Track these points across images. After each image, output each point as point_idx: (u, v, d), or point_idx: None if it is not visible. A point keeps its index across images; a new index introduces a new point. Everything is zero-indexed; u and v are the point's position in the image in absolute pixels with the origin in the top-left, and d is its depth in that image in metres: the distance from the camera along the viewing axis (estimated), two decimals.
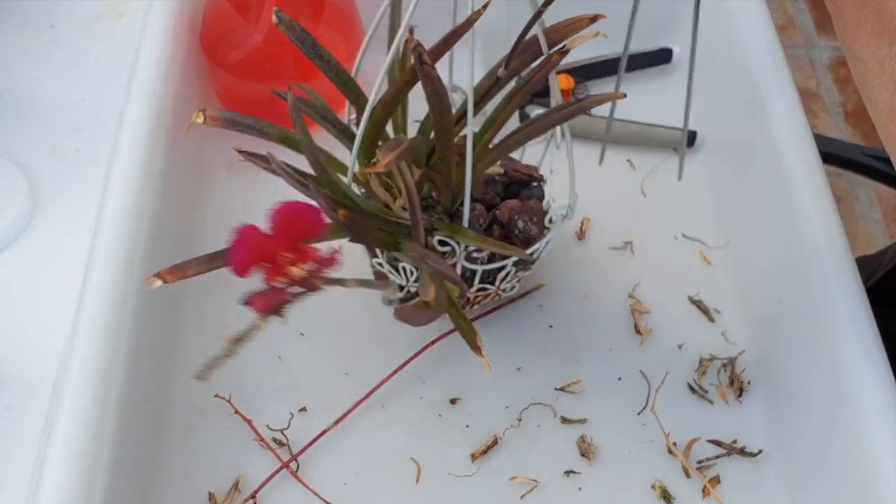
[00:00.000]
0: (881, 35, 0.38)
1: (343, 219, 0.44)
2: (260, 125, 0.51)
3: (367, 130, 0.48)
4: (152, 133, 0.57)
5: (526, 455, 0.55)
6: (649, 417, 0.56)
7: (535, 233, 0.54)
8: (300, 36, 0.48)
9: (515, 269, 0.55)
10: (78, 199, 0.54)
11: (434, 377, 0.57)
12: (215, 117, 0.49)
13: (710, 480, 0.54)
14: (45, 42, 0.62)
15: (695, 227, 0.65)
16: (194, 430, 0.55)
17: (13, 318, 0.50)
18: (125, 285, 0.51)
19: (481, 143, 0.51)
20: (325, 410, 0.55)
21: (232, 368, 0.57)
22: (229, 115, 0.50)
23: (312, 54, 0.49)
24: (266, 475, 0.53)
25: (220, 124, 0.49)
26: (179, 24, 0.63)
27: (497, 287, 0.55)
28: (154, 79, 0.59)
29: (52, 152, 0.57)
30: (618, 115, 0.70)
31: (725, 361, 0.59)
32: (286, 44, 0.64)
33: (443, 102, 0.46)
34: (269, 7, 0.63)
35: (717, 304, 0.61)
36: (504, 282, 0.56)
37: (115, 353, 0.50)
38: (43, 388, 0.48)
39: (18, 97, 0.59)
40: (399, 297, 0.54)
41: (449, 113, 0.47)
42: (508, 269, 0.55)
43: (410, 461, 0.54)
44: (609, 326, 0.60)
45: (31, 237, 0.53)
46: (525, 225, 0.54)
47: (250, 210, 0.63)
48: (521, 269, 0.56)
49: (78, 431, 0.46)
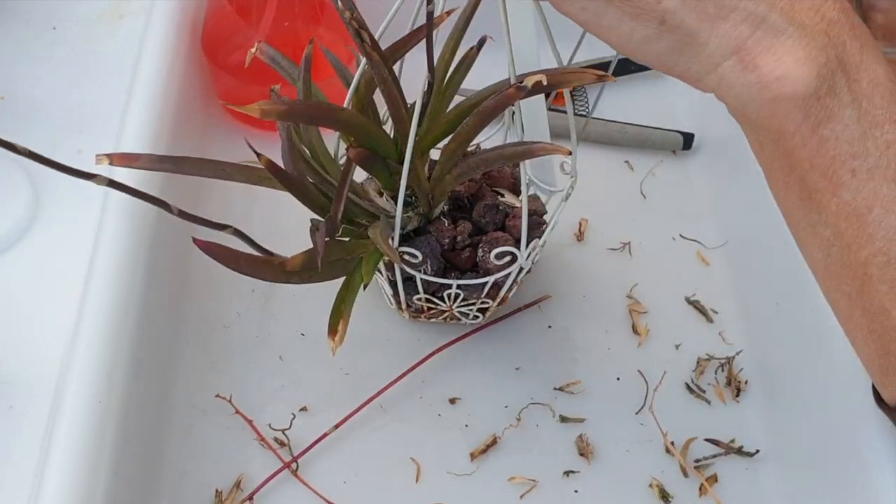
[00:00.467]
0: (807, 202, 0.38)
1: (353, 157, 0.45)
2: (293, 71, 0.52)
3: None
4: (154, 134, 0.57)
5: (525, 454, 0.55)
6: (647, 417, 0.57)
7: (491, 266, 0.52)
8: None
9: (462, 292, 0.54)
10: (80, 199, 0.54)
11: (433, 377, 0.58)
12: (263, 50, 0.52)
13: (708, 479, 0.54)
14: (46, 43, 0.63)
15: (693, 228, 0.66)
16: (195, 430, 0.55)
17: (15, 318, 0.51)
18: (127, 286, 0.52)
19: (449, 150, 0.50)
20: (325, 410, 0.56)
21: (233, 368, 0.58)
22: (272, 52, 0.53)
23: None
24: (267, 474, 0.53)
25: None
26: (181, 26, 0.64)
27: (451, 307, 0.55)
28: (155, 80, 0.60)
29: (54, 153, 0.56)
30: (615, 118, 0.70)
31: (723, 361, 0.59)
32: (287, 46, 0.64)
33: (391, 91, 0.45)
34: (269, 10, 0.63)
35: (714, 305, 0.62)
36: (459, 302, 0.55)
37: (117, 353, 0.50)
38: (45, 388, 0.48)
39: (20, 98, 0.60)
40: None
41: (399, 104, 0.46)
42: (454, 291, 0.54)
43: (410, 460, 0.55)
44: (607, 327, 0.61)
45: (33, 237, 0.54)
46: (483, 255, 0.53)
47: (251, 208, 0.63)
48: (468, 293, 0.54)
49: (80, 431, 0.46)
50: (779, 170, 0.39)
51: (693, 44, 0.35)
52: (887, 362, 0.40)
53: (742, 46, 0.35)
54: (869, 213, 0.37)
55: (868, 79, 0.36)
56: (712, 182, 0.68)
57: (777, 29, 0.35)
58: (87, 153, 0.57)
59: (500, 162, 0.49)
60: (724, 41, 0.35)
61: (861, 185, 0.37)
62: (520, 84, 0.43)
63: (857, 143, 0.36)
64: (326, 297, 0.49)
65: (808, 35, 0.35)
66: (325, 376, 0.57)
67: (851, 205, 0.37)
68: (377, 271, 0.54)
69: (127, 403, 0.50)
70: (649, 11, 0.35)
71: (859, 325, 0.41)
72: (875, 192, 0.37)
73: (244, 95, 0.67)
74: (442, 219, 0.53)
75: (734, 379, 0.58)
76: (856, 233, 0.37)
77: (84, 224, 0.53)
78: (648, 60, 0.37)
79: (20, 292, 0.52)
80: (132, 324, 0.52)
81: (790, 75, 0.35)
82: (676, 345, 0.60)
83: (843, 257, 0.39)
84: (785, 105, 0.36)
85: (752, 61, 0.35)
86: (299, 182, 0.48)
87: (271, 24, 0.63)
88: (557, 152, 0.45)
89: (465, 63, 0.51)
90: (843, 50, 0.36)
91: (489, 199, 0.55)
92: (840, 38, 0.36)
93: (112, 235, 0.52)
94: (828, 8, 0.36)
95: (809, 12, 0.35)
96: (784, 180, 0.39)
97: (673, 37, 0.35)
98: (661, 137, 0.70)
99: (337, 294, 0.50)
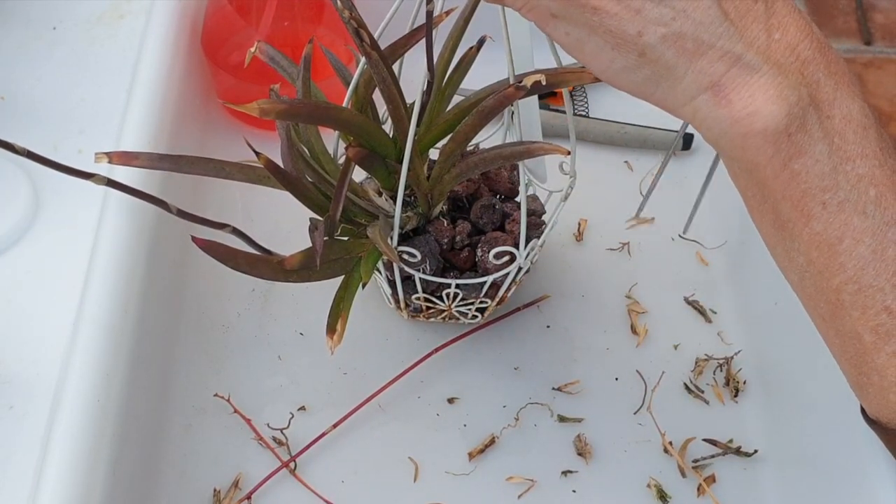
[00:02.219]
0: (781, 230, 0.40)
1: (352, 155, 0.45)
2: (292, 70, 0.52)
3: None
4: (154, 134, 0.58)
5: (523, 454, 0.55)
6: (645, 417, 0.57)
7: (490, 265, 0.53)
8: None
9: (462, 293, 0.54)
10: (80, 199, 0.55)
11: (432, 377, 0.58)
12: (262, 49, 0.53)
13: (706, 480, 0.54)
14: (46, 43, 0.63)
15: (692, 228, 0.66)
16: (194, 430, 0.55)
17: (15, 317, 0.51)
18: (127, 285, 0.52)
19: (445, 151, 0.50)
20: (324, 409, 0.56)
21: (231, 368, 0.58)
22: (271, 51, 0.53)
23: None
24: (266, 474, 0.53)
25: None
26: (181, 26, 0.64)
27: (449, 306, 0.55)
28: (156, 80, 0.60)
29: (54, 153, 0.57)
30: (615, 118, 0.70)
31: (721, 361, 0.59)
32: (287, 45, 0.64)
33: (391, 91, 0.45)
34: (269, 9, 0.63)
35: (713, 305, 0.62)
36: (458, 302, 0.55)
37: (116, 353, 0.50)
38: (44, 388, 0.48)
39: (20, 98, 0.60)
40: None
41: (398, 103, 0.46)
42: (453, 291, 0.54)
43: (408, 460, 0.55)
44: (606, 327, 0.61)
45: (33, 237, 0.54)
46: (482, 254, 0.53)
47: (251, 208, 0.64)
48: (467, 292, 0.54)
49: (79, 430, 0.46)
50: (753, 198, 0.40)
51: (670, 77, 0.36)
52: (862, 381, 0.42)
53: (717, 83, 0.36)
54: (839, 243, 0.38)
55: (841, 115, 0.37)
56: (712, 182, 0.68)
57: (752, 67, 0.36)
58: (88, 153, 0.57)
59: (498, 162, 0.49)
60: (700, 76, 0.36)
61: (832, 216, 0.38)
62: (519, 84, 0.43)
63: (827, 177, 0.37)
64: (325, 296, 0.49)
65: (782, 73, 0.36)
66: (324, 376, 0.57)
67: (822, 235, 0.38)
68: (376, 271, 0.54)
69: (126, 403, 0.50)
70: (630, 43, 0.36)
71: (834, 345, 0.42)
72: (845, 223, 0.38)
73: (244, 95, 0.67)
74: (441, 219, 0.54)
75: (733, 379, 0.58)
76: (827, 262, 0.39)
77: (84, 224, 0.54)
78: (626, 88, 0.38)
79: (20, 292, 0.52)
80: (131, 323, 0.52)
81: (760, 112, 0.36)
82: (675, 345, 0.60)
83: (816, 283, 0.40)
84: (755, 140, 0.36)
85: (725, 97, 0.36)
86: (298, 181, 0.48)
87: (271, 24, 0.63)
88: (556, 152, 0.45)
89: (465, 62, 0.52)
90: (816, 88, 0.37)
91: (485, 200, 0.55)
92: (814, 76, 0.37)
93: (112, 235, 0.53)
94: (804, 47, 0.36)
95: (785, 51, 0.36)
96: (759, 208, 0.40)
97: (651, 69, 0.36)
98: (660, 137, 0.70)
99: (335, 293, 0.50)
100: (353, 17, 0.42)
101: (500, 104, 0.45)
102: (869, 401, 0.43)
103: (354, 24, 0.42)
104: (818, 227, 0.38)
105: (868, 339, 0.40)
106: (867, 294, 0.39)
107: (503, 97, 0.44)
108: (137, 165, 0.47)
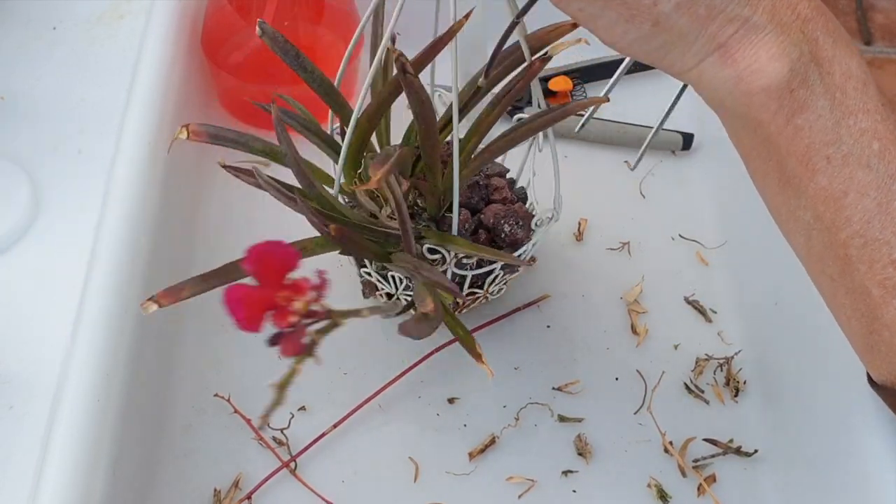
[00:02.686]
0: (786, 187, 0.41)
1: (335, 233, 0.45)
2: (243, 139, 0.51)
3: (351, 141, 0.48)
4: (154, 134, 0.58)
5: (523, 454, 0.55)
6: (646, 417, 0.57)
7: (521, 235, 0.54)
8: (284, 47, 0.49)
9: (503, 272, 0.56)
10: (80, 199, 0.55)
11: (432, 377, 0.58)
12: (198, 132, 0.50)
13: (706, 479, 0.54)
14: (46, 43, 0.63)
15: (692, 228, 0.66)
16: (194, 429, 0.55)
17: (15, 317, 0.51)
18: (127, 285, 0.52)
19: (466, 149, 0.51)
20: (324, 409, 0.56)
21: (231, 368, 0.58)
22: (212, 130, 0.51)
23: (296, 65, 0.49)
24: (266, 474, 0.53)
25: (203, 139, 0.50)
26: (181, 26, 0.64)
27: (486, 290, 0.56)
28: (156, 80, 0.60)
29: (54, 153, 0.57)
30: (615, 118, 0.70)
31: (721, 361, 0.59)
32: None
33: (427, 111, 0.46)
34: (269, 9, 0.63)
35: (713, 305, 0.62)
36: (493, 285, 0.56)
37: (117, 353, 0.50)
38: (44, 388, 0.48)
39: (20, 98, 0.60)
40: (397, 311, 0.54)
41: (433, 122, 0.47)
42: (497, 273, 0.55)
43: (408, 460, 0.55)
44: (606, 326, 0.61)
45: (33, 238, 0.54)
46: (511, 228, 0.54)
47: (251, 209, 0.64)
48: (508, 272, 0.56)
49: (78, 430, 0.46)
50: (757, 158, 0.41)
51: (681, 43, 0.38)
52: (872, 340, 0.42)
53: (724, 43, 0.37)
54: (845, 196, 0.39)
55: (841, 71, 0.38)
56: (712, 182, 0.68)
57: (757, 27, 0.37)
58: (87, 153, 0.57)
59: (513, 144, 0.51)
60: (709, 40, 0.37)
61: (836, 170, 0.39)
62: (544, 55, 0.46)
63: (830, 131, 0.38)
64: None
65: (784, 32, 0.37)
66: (324, 376, 0.57)
67: (828, 189, 0.39)
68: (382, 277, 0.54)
69: (126, 403, 0.50)
70: (644, 14, 0.37)
71: (843, 305, 0.42)
72: (850, 177, 0.39)
73: (244, 95, 0.67)
74: (446, 215, 0.54)
75: (733, 379, 0.58)
76: (834, 216, 0.39)
77: (84, 224, 0.54)
78: (636, 55, 0.39)
79: (20, 292, 0.52)
80: (131, 323, 0.52)
81: (764, 69, 0.37)
82: (675, 345, 0.60)
83: (823, 240, 0.40)
84: (759, 97, 0.38)
85: (731, 56, 0.38)
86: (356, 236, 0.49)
87: (271, 24, 0.63)
88: (594, 103, 0.48)
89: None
90: (815, 45, 0.38)
91: (470, 180, 0.56)
92: (813, 34, 0.38)
93: (111, 235, 0.53)
94: (803, 7, 0.38)
95: (787, 10, 0.38)
96: (763, 168, 0.41)
97: (664, 37, 0.38)
98: (660, 137, 0.69)
99: (446, 324, 0.50)
100: (400, 57, 0.43)
101: (526, 83, 0.47)
102: (878, 361, 0.43)
103: (403, 60, 0.43)
104: (823, 182, 0.39)
105: (876, 294, 0.40)
106: (873, 248, 0.39)
107: (530, 75, 0.47)
108: (188, 296, 0.47)
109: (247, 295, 0.35)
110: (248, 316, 0.36)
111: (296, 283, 0.35)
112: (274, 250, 0.36)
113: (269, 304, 0.36)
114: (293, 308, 0.36)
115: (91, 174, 0.56)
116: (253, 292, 0.35)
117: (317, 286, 0.35)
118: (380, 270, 0.54)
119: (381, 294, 0.56)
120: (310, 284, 0.36)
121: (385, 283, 0.55)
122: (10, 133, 0.58)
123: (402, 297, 0.55)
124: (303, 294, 0.35)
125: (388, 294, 0.56)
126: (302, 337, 0.37)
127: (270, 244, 0.36)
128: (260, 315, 0.36)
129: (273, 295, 0.35)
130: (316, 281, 0.35)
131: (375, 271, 0.54)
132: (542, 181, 0.58)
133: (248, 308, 0.36)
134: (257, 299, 0.35)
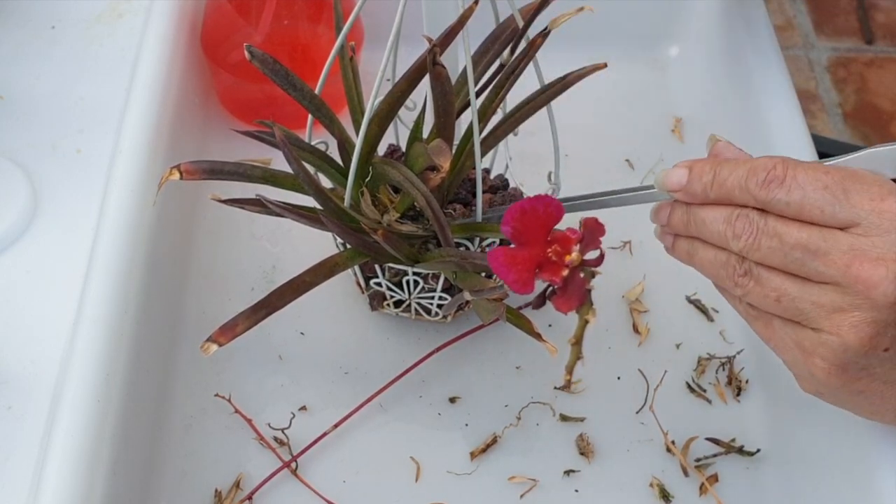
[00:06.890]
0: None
1: (383, 237, 0.45)
2: (242, 169, 0.49)
3: (363, 148, 0.48)
4: (153, 134, 0.57)
5: (525, 454, 0.55)
6: (648, 416, 0.57)
7: None
8: (273, 68, 0.49)
9: None
10: (79, 199, 0.54)
11: (433, 376, 0.58)
12: (191, 170, 0.47)
13: (708, 479, 0.54)
14: (45, 42, 0.63)
15: None
16: (195, 429, 0.55)
17: (14, 317, 0.51)
18: (126, 285, 0.52)
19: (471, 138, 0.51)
20: (325, 409, 0.56)
21: (232, 367, 0.58)
22: (207, 165, 0.48)
23: (286, 85, 0.49)
24: (267, 474, 0.53)
25: (198, 177, 0.48)
26: (180, 25, 0.64)
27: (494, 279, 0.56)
28: (155, 79, 0.60)
29: (53, 152, 0.57)
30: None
31: (724, 360, 0.59)
32: (286, 45, 0.64)
33: (448, 102, 0.46)
34: (269, 9, 0.63)
35: (715, 304, 0.62)
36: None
37: (116, 353, 0.50)
38: (44, 388, 0.48)
39: (19, 97, 0.60)
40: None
41: (453, 113, 0.47)
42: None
43: (410, 460, 0.55)
44: (608, 326, 0.61)
45: (32, 237, 0.53)
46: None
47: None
48: None
49: (78, 430, 0.46)
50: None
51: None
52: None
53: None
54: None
55: None
56: None
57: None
58: (87, 152, 0.57)
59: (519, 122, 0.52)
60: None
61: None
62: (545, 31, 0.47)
63: None
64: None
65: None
66: (325, 375, 0.57)
67: None
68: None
69: (126, 403, 0.50)
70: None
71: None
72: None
73: (244, 94, 0.67)
74: (447, 210, 0.54)
75: (735, 378, 0.58)
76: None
77: (83, 224, 0.53)
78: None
79: (19, 292, 0.52)
80: (131, 323, 0.52)
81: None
82: (677, 344, 0.60)
83: None
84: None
85: None
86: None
87: (271, 23, 0.63)
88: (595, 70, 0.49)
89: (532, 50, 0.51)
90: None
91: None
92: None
93: (111, 235, 0.52)
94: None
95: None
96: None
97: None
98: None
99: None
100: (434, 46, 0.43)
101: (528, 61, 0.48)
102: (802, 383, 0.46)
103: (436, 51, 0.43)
104: None
105: None
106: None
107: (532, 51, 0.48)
108: (242, 331, 0.48)
109: (512, 257, 0.35)
110: (518, 278, 0.35)
111: (562, 235, 0.34)
112: (535, 206, 0.35)
113: (536, 261, 0.35)
114: (567, 261, 0.35)
115: (90, 173, 0.56)
116: (517, 253, 0.34)
117: (591, 230, 0.34)
118: (392, 278, 0.54)
119: (388, 304, 0.56)
120: (577, 235, 0.35)
121: (397, 290, 0.54)
122: (8, 132, 0.58)
123: (415, 301, 0.55)
124: (572, 245, 0.34)
125: (395, 303, 0.56)
126: (584, 286, 0.35)
127: (530, 201, 0.35)
128: (530, 275, 0.35)
129: (540, 252, 0.34)
130: (580, 232, 0.34)
131: (388, 279, 0.54)
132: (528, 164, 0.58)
133: (518, 269, 0.35)
134: (524, 259, 0.34)
